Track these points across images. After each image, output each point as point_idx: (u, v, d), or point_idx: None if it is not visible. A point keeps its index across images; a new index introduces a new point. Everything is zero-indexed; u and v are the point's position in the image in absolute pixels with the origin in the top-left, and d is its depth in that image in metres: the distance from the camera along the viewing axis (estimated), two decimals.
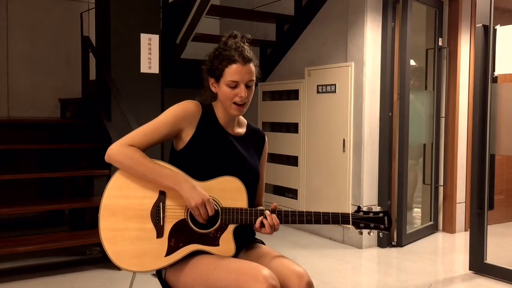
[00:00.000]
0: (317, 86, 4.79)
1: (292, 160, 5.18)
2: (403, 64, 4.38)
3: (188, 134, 1.86)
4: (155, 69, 4.46)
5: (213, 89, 1.89)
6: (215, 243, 1.80)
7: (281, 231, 1.83)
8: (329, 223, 1.81)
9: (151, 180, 1.79)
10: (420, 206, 5.25)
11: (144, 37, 4.40)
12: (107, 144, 1.91)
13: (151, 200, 1.80)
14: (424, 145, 5.06)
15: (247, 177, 1.87)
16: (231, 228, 1.80)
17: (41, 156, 4.62)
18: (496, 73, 3.66)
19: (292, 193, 5.21)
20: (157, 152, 1.98)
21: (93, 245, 4.03)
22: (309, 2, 5.02)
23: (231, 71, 1.82)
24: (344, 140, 4.51)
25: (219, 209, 1.79)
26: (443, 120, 5.00)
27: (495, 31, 3.63)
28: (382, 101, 4.42)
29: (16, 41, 5.59)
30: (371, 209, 1.85)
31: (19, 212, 4.29)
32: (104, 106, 4.34)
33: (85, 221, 4.34)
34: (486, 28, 3.65)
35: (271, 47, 5.57)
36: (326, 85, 4.69)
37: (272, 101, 5.44)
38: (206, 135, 1.88)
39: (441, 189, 5.03)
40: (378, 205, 4.43)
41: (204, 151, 1.86)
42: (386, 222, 1.83)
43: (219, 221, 1.79)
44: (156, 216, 1.79)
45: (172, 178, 1.77)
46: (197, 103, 1.89)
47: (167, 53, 4.84)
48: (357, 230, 1.85)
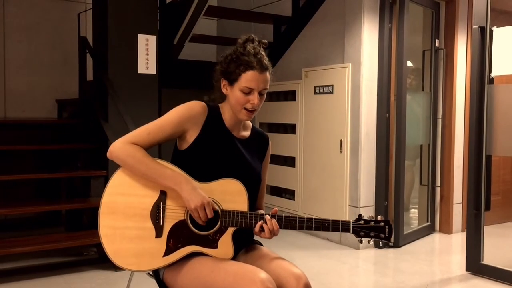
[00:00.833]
0: (314, 87, 4.80)
1: (289, 161, 5.18)
2: (400, 65, 4.39)
3: (192, 135, 1.85)
4: (152, 69, 4.45)
5: (224, 90, 1.88)
6: (214, 245, 1.79)
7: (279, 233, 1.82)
8: (329, 230, 1.81)
9: (152, 180, 1.78)
10: (417, 206, 5.26)
11: (142, 38, 4.39)
12: (104, 145, 1.91)
13: (151, 199, 1.79)
14: (421, 146, 5.07)
15: (249, 180, 1.87)
16: (230, 231, 1.80)
17: (38, 157, 4.61)
18: (492, 75, 3.67)
19: (289, 193, 5.21)
20: (154, 150, 1.97)
21: (90, 246, 4.03)
22: (307, 3, 5.03)
23: (248, 77, 1.81)
24: (341, 141, 4.51)
25: (219, 212, 1.79)
26: (440, 121, 5.01)
27: (491, 32, 3.64)
28: (379, 102, 4.43)
29: (13, 41, 5.58)
30: (372, 217, 1.85)
31: (16, 212, 4.29)
32: (101, 107, 4.34)
33: (82, 221, 4.33)
34: (482, 29, 3.66)
35: (268, 48, 5.54)
36: (323, 86, 4.70)
37: (270, 102, 5.44)
38: (211, 136, 1.87)
39: (438, 190, 5.04)
40: (375, 206, 4.44)
41: (207, 153, 1.85)
42: (386, 232, 1.83)
43: (218, 223, 1.79)
44: (156, 215, 1.79)
45: (173, 179, 1.77)
46: (203, 104, 1.88)
47: (164, 53, 4.83)
48: (357, 239, 1.85)
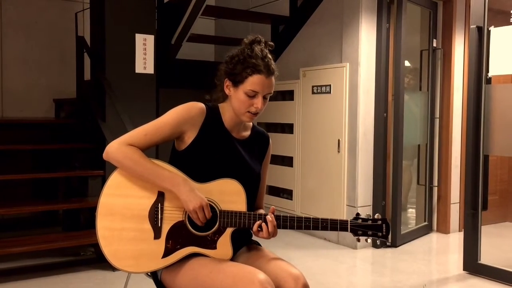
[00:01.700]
0: (312, 86, 4.80)
1: (287, 161, 5.18)
2: (398, 65, 4.39)
3: (190, 136, 1.84)
4: (150, 69, 4.45)
5: (227, 91, 1.87)
6: (213, 246, 1.79)
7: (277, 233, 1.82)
8: (327, 230, 1.81)
9: (150, 181, 1.78)
10: (415, 206, 5.27)
11: (139, 37, 4.39)
12: (102, 145, 1.90)
13: (149, 201, 1.78)
14: (419, 145, 5.08)
15: (248, 180, 1.86)
16: (229, 231, 1.79)
17: (35, 157, 4.60)
18: (490, 74, 3.68)
19: (287, 193, 5.22)
20: (152, 150, 1.96)
21: (87, 246, 4.02)
22: (304, 3, 5.02)
23: (254, 81, 1.80)
24: (339, 140, 4.51)
25: (218, 212, 1.78)
26: (437, 121, 5.01)
27: (489, 32, 3.65)
28: (376, 101, 4.43)
29: (10, 40, 5.57)
30: (369, 216, 1.85)
31: (13, 212, 4.28)
32: (98, 106, 4.33)
33: (79, 221, 4.32)
34: (480, 29, 3.67)
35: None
36: (321, 86, 4.70)
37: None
38: (209, 138, 1.86)
39: (435, 189, 5.05)
40: (373, 205, 4.45)
41: (205, 154, 1.85)
42: (384, 230, 1.83)
43: (217, 224, 1.78)
44: (154, 217, 1.78)
45: (171, 180, 1.76)
46: (201, 105, 1.86)
47: (162, 53, 4.83)
48: (355, 237, 1.85)
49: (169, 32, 4.88)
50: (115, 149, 1.79)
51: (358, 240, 1.86)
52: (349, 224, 1.82)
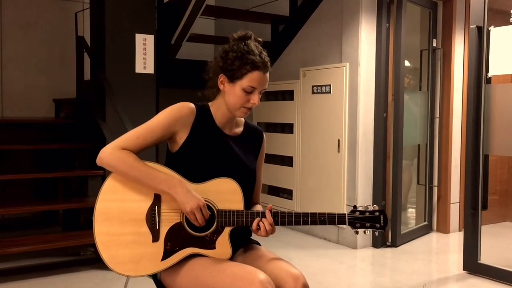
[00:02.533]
0: (312, 86, 4.80)
1: (287, 161, 5.18)
2: (398, 65, 4.39)
3: (182, 137, 1.84)
4: (150, 69, 4.45)
5: (221, 87, 1.86)
6: (212, 246, 1.79)
7: (275, 230, 1.82)
8: (325, 224, 1.80)
9: (145, 185, 1.77)
10: (415, 206, 5.27)
11: (139, 37, 4.39)
12: (102, 145, 1.89)
13: (146, 204, 1.78)
14: (419, 145, 5.08)
15: (243, 177, 1.86)
16: (227, 230, 1.79)
17: (35, 157, 4.60)
18: (489, 74, 3.68)
19: (287, 193, 5.21)
20: (152, 154, 1.96)
21: (87, 246, 4.02)
22: (304, 3, 5.02)
23: (253, 77, 1.80)
24: (338, 140, 4.51)
25: (215, 212, 1.78)
26: (437, 121, 5.01)
27: (489, 32, 3.65)
28: (376, 101, 4.43)
29: (10, 40, 5.57)
30: (367, 208, 1.84)
31: (13, 212, 4.28)
32: (98, 106, 4.33)
33: (79, 221, 4.33)
34: (480, 29, 3.67)
35: (266, 47, 5.52)
36: (321, 86, 4.70)
37: (267, 101, 5.44)
38: (201, 137, 1.86)
39: (435, 189, 5.05)
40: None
41: (199, 153, 1.84)
42: (382, 221, 1.83)
43: (215, 224, 1.78)
44: (152, 220, 1.77)
45: (167, 182, 1.75)
46: (191, 105, 1.86)
47: (162, 53, 4.83)
48: (353, 230, 1.85)
49: (169, 32, 4.88)
50: (108, 154, 1.77)
51: (357, 232, 1.86)
52: (347, 217, 1.82)
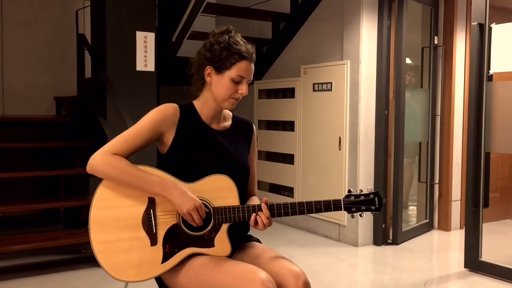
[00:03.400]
0: (313, 84, 4.79)
1: (288, 158, 5.18)
2: (399, 63, 4.39)
3: (169, 137, 1.84)
4: (150, 67, 4.45)
5: (208, 79, 1.86)
6: (210, 244, 1.79)
7: (276, 228, 1.83)
8: (321, 211, 1.80)
9: (139, 189, 1.76)
10: (416, 204, 5.26)
11: (140, 35, 4.39)
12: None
13: (141, 208, 1.77)
14: (420, 143, 5.07)
15: (236, 172, 1.85)
16: (225, 227, 1.79)
17: (36, 154, 4.61)
18: (491, 71, 3.67)
19: (288, 191, 5.21)
20: (153, 157, 1.96)
21: (88, 244, 4.00)
22: (305, 0, 5.01)
23: (242, 67, 1.81)
24: (340, 138, 4.51)
25: (211, 210, 1.78)
26: (438, 118, 5.01)
27: (490, 29, 3.64)
28: (377, 99, 4.42)
29: (11, 39, 5.57)
30: (361, 191, 1.84)
31: (14, 210, 4.28)
32: (99, 104, 4.33)
33: (80, 219, 4.33)
34: (481, 26, 3.66)
35: (267, 45, 5.56)
36: (322, 83, 4.70)
37: (268, 99, 5.44)
38: (188, 135, 1.85)
39: (436, 187, 5.04)
40: None
41: (188, 152, 1.84)
42: (376, 203, 1.83)
43: (212, 221, 1.78)
44: (148, 224, 1.76)
45: (161, 185, 1.74)
46: (174, 105, 1.87)
47: (163, 51, 4.82)
48: (349, 215, 1.84)
49: (169, 29, 4.87)
50: (99, 160, 1.76)
51: (353, 217, 1.85)
52: (342, 203, 1.81)
